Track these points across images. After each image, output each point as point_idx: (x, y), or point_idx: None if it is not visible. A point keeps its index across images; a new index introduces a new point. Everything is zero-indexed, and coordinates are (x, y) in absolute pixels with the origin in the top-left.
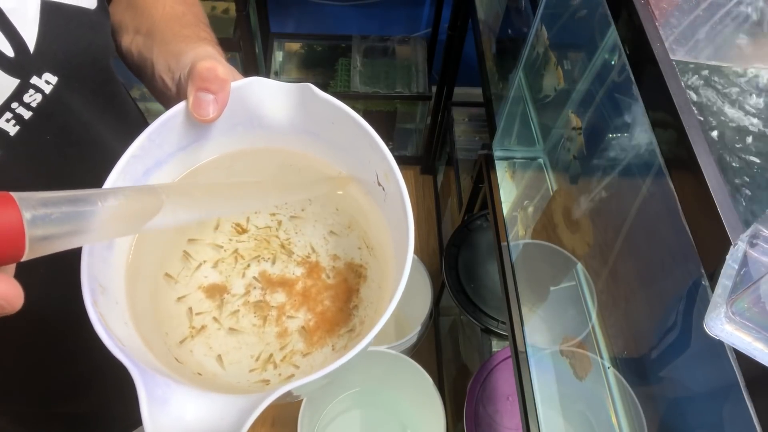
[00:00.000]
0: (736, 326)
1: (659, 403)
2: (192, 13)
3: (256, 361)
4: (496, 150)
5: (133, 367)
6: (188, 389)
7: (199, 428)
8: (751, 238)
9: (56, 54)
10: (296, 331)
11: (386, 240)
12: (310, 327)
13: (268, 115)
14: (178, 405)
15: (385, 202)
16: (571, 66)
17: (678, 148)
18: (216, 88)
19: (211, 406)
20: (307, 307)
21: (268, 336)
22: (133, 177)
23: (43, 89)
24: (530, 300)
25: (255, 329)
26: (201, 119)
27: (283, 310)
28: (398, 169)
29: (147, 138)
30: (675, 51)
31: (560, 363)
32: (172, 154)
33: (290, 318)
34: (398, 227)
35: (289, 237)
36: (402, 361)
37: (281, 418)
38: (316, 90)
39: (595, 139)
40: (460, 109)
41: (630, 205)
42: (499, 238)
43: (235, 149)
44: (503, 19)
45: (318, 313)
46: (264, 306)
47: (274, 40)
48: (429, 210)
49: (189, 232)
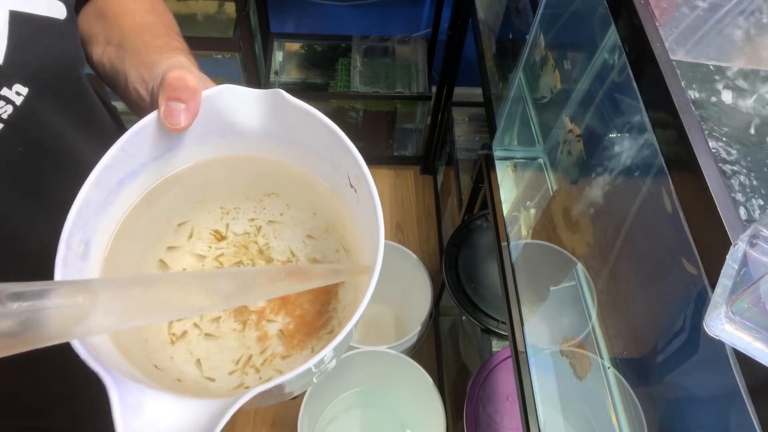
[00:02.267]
0: (736, 326)
1: (659, 404)
2: (162, 23)
3: (236, 364)
4: (496, 150)
5: (106, 374)
6: (162, 394)
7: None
8: (751, 238)
9: (27, 65)
10: (275, 335)
11: (360, 242)
12: (290, 330)
13: (241, 122)
14: (152, 410)
15: (357, 203)
16: (571, 66)
17: (678, 148)
18: (186, 97)
19: (185, 411)
20: (285, 311)
21: (248, 340)
22: (107, 187)
23: (14, 101)
24: (530, 300)
25: (235, 334)
26: (172, 128)
27: (263, 314)
28: (368, 171)
29: (120, 149)
30: (675, 51)
31: (560, 363)
32: (146, 164)
33: (270, 322)
34: (370, 228)
35: (268, 242)
36: (402, 361)
37: (281, 419)
38: (286, 96)
39: (594, 140)
40: (460, 109)
41: (630, 205)
42: (499, 238)
43: (210, 157)
44: (503, 19)
45: (297, 316)
46: (244, 311)
47: (274, 40)
48: (429, 210)
49: (167, 239)
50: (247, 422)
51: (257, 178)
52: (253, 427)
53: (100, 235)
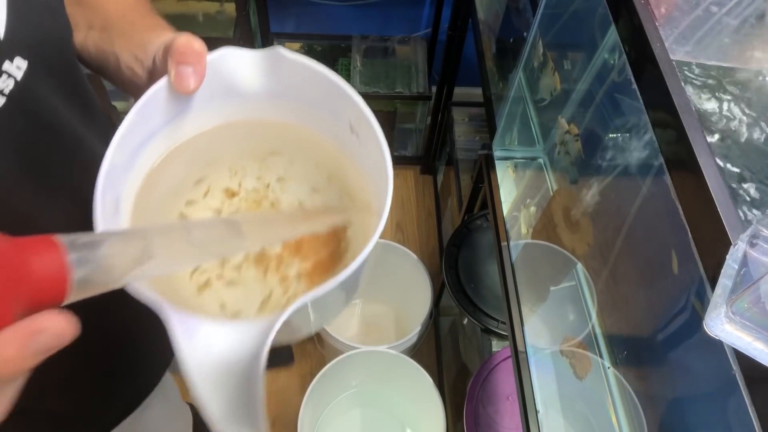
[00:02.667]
0: (736, 326)
1: (659, 403)
2: (141, 4)
3: (262, 304)
4: (496, 150)
5: (164, 303)
6: (210, 320)
7: (226, 354)
8: (751, 238)
9: (25, 39)
10: (295, 276)
11: (364, 185)
12: (308, 271)
13: (243, 84)
14: (204, 335)
15: (360, 148)
16: (571, 66)
17: (678, 148)
18: (194, 61)
19: (233, 332)
20: (302, 255)
21: (270, 283)
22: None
23: (15, 75)
24: (530, 300)
25: (257, 279)
26: (183, 91)
27: (281, 259)
28: (369, 111)
29: (137, 113)
30: (675, 51)
31: (560, 363)
32: (160, 127)
33: (288, 266)
34: (375, 166)
35: (278, 196)
36: (402, 361)
37: (281, 418)
38: (284, 52)
39: (593, 140)
40: (460, 109)
41: (630, 205)
42: (499, 238)
43: (216, 122)
44: (503, 19)
45: (312, 258)
46: (263, 259)
47: (274, 40)
48: (429, 210)
49: (185, 195)
50: None
51: (260, 139)
52: None
53: (125, 194)
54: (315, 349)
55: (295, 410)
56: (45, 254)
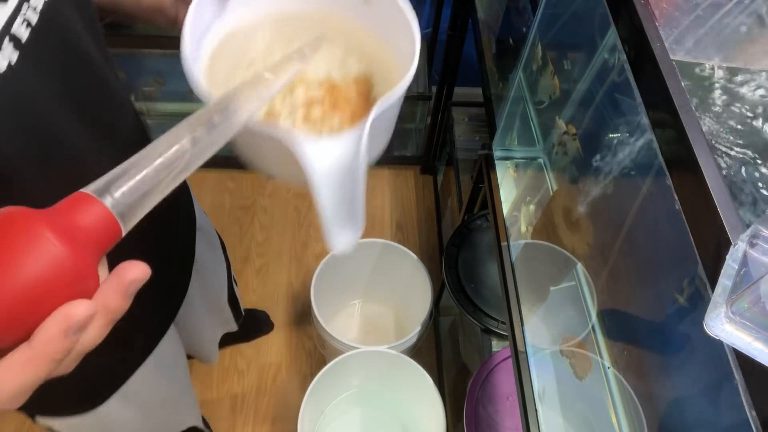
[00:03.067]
0: (736, 326)
1: (659, 403)
2: None
3: None
4: (496, 150)
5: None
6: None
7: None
8: (751, 238)
9: None
10: (338, 125)
11: (381, 47)
12: (348, 120)
13: None
14: (322, 148)
15: (375, 16)
16: (570, 66)
17: (678, 148)
18: None
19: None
20: (340, 112)
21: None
22: (195, 40)
23: None
24: (530, 300)
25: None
26: None
27: (326, 113)
28: None
29: (195, 10)
30: (675, 51)
31: (560, 363)
32: (218, 14)
33: (331, 118)
34: (396, 26)
35: (305, 72)
36: (402, 361)
37: (281, 418)
38: None
39: (593, 140)
40: (460, 109)
41: (630, 205)
42: (499, 238)
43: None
44: (503, 19)
45: (349, 112)
46: (309, 117)
47: None
48: (429, 210)
49: (245, 63)
50: (248, 421)
51: (290, 29)
52: (254, 425)
53: (201, 52)
54: (315, 349)
55: (295, 410)
56: (87, 209)
